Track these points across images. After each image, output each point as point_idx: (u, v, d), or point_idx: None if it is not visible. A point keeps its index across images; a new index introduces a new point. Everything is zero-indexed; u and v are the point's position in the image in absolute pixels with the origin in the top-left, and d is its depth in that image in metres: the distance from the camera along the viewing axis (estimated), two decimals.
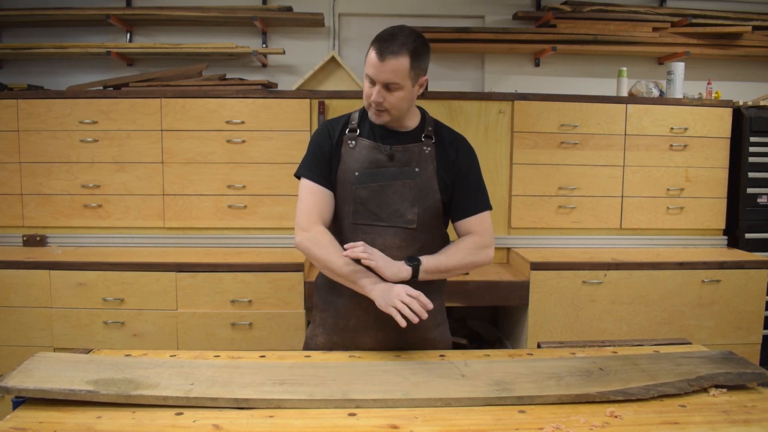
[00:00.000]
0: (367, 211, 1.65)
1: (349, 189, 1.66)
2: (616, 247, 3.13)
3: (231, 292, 2.72)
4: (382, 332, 1.69)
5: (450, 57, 3.67)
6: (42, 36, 3.52)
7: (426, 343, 1.72)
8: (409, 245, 1.66)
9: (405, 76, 1.56)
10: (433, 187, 1.66)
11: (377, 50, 1.55)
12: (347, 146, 1.68)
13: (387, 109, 1.60)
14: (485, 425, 1.22)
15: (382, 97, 1.58)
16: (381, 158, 1.66)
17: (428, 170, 1.67)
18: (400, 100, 1.59)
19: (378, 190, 1.65)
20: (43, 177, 3.01)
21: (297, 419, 1.23)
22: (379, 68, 1.55)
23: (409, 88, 1.59)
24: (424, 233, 1.67)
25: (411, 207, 1.65)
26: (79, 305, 2.71)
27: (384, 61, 1.54)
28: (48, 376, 1.32)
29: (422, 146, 1.68)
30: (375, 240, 1.64)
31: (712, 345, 2.37)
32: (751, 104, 3.20)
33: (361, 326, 1.70)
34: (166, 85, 3.13)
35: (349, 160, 1.67)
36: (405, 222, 1.65)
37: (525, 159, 3.07)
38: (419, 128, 1.71)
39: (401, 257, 1.62)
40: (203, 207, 3.03)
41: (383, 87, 1.57)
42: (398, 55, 1.54)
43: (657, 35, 3.42)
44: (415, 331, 1.68)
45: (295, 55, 3.58)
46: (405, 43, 1.55)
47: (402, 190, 1.65)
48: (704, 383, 1.38)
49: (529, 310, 2.78)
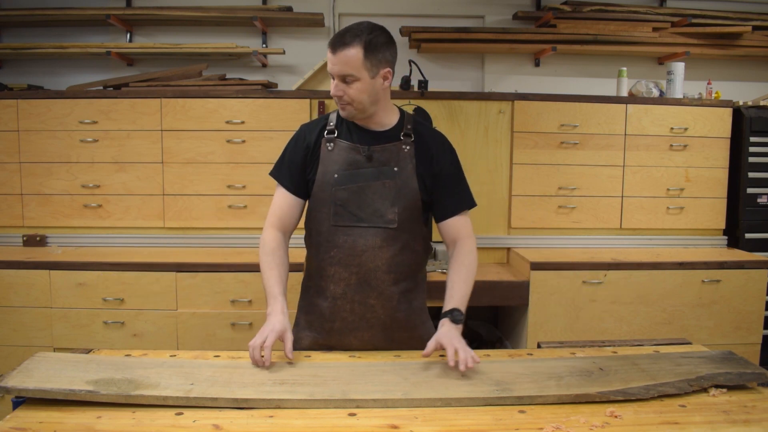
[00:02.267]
0: (348, 213, 1.65)
1: (328, 191, 1.66)
2: (616, 247, 3.13)
3: (231, 292, 2.72)
4: (368, 333, 1.70)
5: (450, 57, 3.67)
6: (42, 36, 3.52)
7: (412, 341, 1.73)
8: (390, 245, 1.66)
9: (359, 68, 1.57)
10: (413, 186, 1.67)
11: (331, 44, 1.58)
12: (326, 149, 1.68)
13: (349, 102, 1.61)
14: (485, 425, 1.22)
15: (341, 90, 1.59)
16: (359, 159, 1.66)
17: (407, 169, 1.67)
18: (360, 92, 1.59)
19: (357, 191, 1.65)
20: (43, 177, 3.01)
21: (297, 419, 1.23)
22: (333, 60, 1.58)
23: (366, 79, 1.59)
24: (405, 232, 1.68)
25: (391, 207, 1.65)
26: (79, 305, 2.71)
27: (336, 53, 1.56)
28: (48, 376, 1.32)
29: (401, 145, 1.68)
30: (356, 241, 1.65)
31: (712, 345, 2.36)
32: (751, 104, 3.19)
33: (347, 328, 1.70)
34: (166, 85, 3.13)
35: (327, 163, 1.67)
36: (386, 222, 1.65)
37: (525, 159, 3.07)
38: (397, 127, 1.71)
39: (383, 257, 1.65)
40: (203, 207, 3.03)
41: (341, 80, 1.59)
42: (349, 46, 1.55)
43: (657, 35, 3.42)
44: (401, 331, 1.71)
45: (295, 55, 3.58)
46: (358, 35, 1.56)
47: (382, 190, 1.65)
48: (704, 383, 1.38)
49: (529, 310, 2.78)
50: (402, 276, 1.70)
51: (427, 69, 3.28)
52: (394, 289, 1.69)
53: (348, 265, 1.66)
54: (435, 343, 1.49)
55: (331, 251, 1.67)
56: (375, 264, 1.66)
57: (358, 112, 1.64)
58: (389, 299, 1.69)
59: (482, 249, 3.11)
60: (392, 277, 1.68)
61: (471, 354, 1.44)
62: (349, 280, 1.67)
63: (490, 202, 3.08)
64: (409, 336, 1.73)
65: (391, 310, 1.69)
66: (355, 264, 1.66)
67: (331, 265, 1.68)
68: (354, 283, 1.67)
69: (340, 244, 1.66)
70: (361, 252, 1.65)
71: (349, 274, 1.67)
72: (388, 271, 1.67)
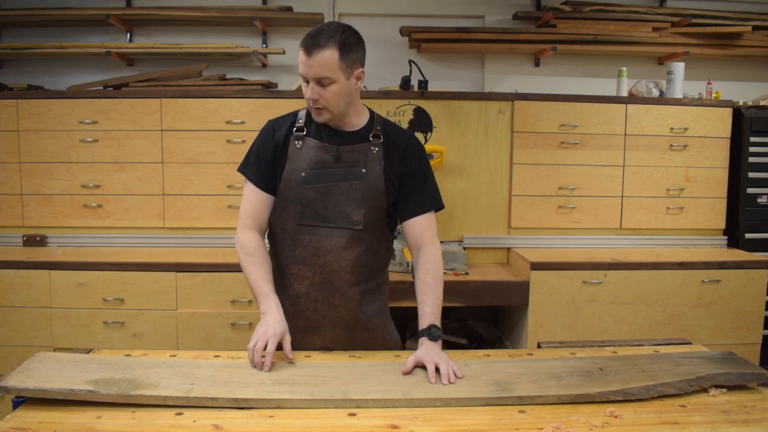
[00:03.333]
0: (314, 212, 1.65)
1: (295, 189, 1.65)
2: (616, 247, 3.13)
3: (231, 292, 2.72)
4: (331, 332, 1.70)
5: (450, 57, 3.67)
6: (42, 36, 3.52)
7: (375, 341, 1.73)
8: (355, 246, 1.65)
9: (335, 69, 1.55)
10: (380, 188, 1.66)
11: (304, 46, 1.55)
12: (294, 146, 1.67)
13: (324, 106, 1.59)
14: (485, 425, 1.22)
15: (317, 93, 1.57)
16: (327, 159, 1.65)
17: (375, 170, 1.66)
18: (336, 95, 1.58)
19: (324, 191, 1.64)
20: (43, 177, 3.01)
21: (297, 419, 1.23)
22: (308, 63, 1.54)
23: (342, 81, 1.57)
24: (370, 234, 1.67)
25: (357, 208, 1.64)
26: (79, 305, 2.71)
27: (311, 56, 1.53)
28: (48, 376, 1.32)
29: (370, 146, 1.67)
30: (321, 241, 1.64)
31: (712, 345, 2.36)
32: (751, 104, 3.19)
33: (311, 326, 1.70)
34: (166, 85, 3.13)
35: (295, 161, 1.66)
36: (351, 223, 1.64)
37: (525, 159, 3.07)
38: (367, 127, 1.70)
39: (347, 258, 1.64)
40: (203, 207, 3.03)
41: (316, 83, 1.56)
42: (325, 48, 1.53)
43: (657, 35, 3.42)
44: (364, 331, 1.72)
45: (295, 55, 3.53)
46: (332, 36, 1.54)
47: (348, 191, 1.64)
48: (704, 383, 1.38)
49: (529, 310, 2.78)
50: (364, 277, 1.69)
51: (427, 69, 3.28)
52: (356, 289, 1.68)
53: (312, 265, 1.65)
54: (414, 360, 1.47)
55: (296, 250, 1.66)
56: (338, 264, 1.65)
57: (334, 116, 1.63)
58: (351, 299, 1.68)
59: (482, 249, 3.12)
60: (355, 278, 1.67)
61: (452, 368, 1.42)
62: (313, 280, 1.66)
63: (490, 202, 3.08)
64: (371, 336, 1.73)
65: (353, 311, 1.69)
66: (319, 264, 1.65)
67: (295, 263, 1.67)
68: (317, 283, 1.66)
69: (305, 244, 1.65)
70: (326, 252, 1.64)
71: (312, 273, 1.66)
72: (351, 272, 1.66)
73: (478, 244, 3.09)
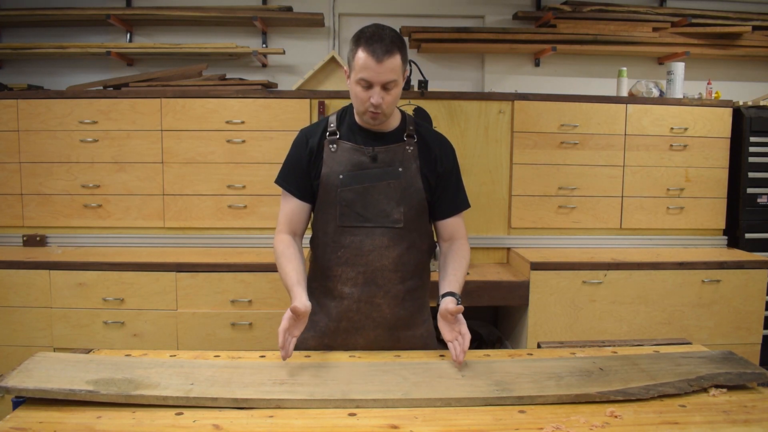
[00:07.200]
0: (354, 213, 1.66)
1: (334, 192, 1.67)
2: (616, 247, 3.13)
3: (231, 292, 2.72)
4: (373, 332, 1.71)
5: (450, 57, 3.67)
6: (42, 36, 3.52)
7: (414, 339, 1.75)
8: (397, 244, 1.67)
9: (399, 72, 1.59)
10: (418, 186, 1.68)
11: (372, 52, 1.53)
12: (329, 150, 1.69)
13: (383, 110, 1.60)
14: (485, 425, 1.22)
15: (382, 98, 1.57)
16: (364, 160, 1.67)
17: (412, 169, 1.68)
18: (396, 97, 1.62)
19: (363, 192, 1.66)
20: (43, 177, 3.01)
21: (297, 419, 1.23)
22: (378, 69, 1.54)
23: (401, 83, 1.62)
24: (411, 231, 1.69)
25: (397, 206, 1.67)
26: (79, 305, 2.71)
27: (382, 62, 1.53)
28: (48, 376, 1.32)
29: (405, 146, 1.69)
30: (363, 241, 1.66)
31: (712, 345, 2.37)
32: (751, 104, 3.19)
33: (353, 327, 1.71)
34: (166, 85, 3.13)
35: (331, 164, 1.67)
36: (392, 222, 1.67)
37: (525, 159, 3.07)
38: (400, 128, 1.72)
39: (390, 256, 1.67)
40: (203, 207, 3.03)
41: (382, 88, 1.57)
42: (392, 53, 1.55)
43: (657, 35, 3.42)
44: (405, 329, 1.73)
45: (295, 55, 3.58)
46: (393, 40, 1.56)
47: (387, 190, 1.66)
48: (704, 383, 1.38)
49: (529, 310, 2.78)
50: (408, 275, 1.71)
51: (427, 69, 3.28)
52: (400, 287, 1.70)
53: (355, 265, 1.67)
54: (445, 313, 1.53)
55: (338, 251, 1.68)
56: (381, 263, 1.67)
57: (387, 117, 1.65)
58: (394, 297, 1.70)
59: (482, 249, 3.12)
60: (399, 276, 1.69)
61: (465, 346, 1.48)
62: (356, 280, 1.68)
63: (490, 202, 3.08)
64: (412, 334, 1.75)
65: (397, 309, 1.71)
66: (362, 264, 1.67)
67: (338, 265, 1.69)
68: (361, 283, 1.68)
69: (347, 245, 1.67)
70: (368, 252, 1.66)
71: (356, 273, 1.68)
72: (395, 270, 1.68)
73: (478, 244, 3.08)
